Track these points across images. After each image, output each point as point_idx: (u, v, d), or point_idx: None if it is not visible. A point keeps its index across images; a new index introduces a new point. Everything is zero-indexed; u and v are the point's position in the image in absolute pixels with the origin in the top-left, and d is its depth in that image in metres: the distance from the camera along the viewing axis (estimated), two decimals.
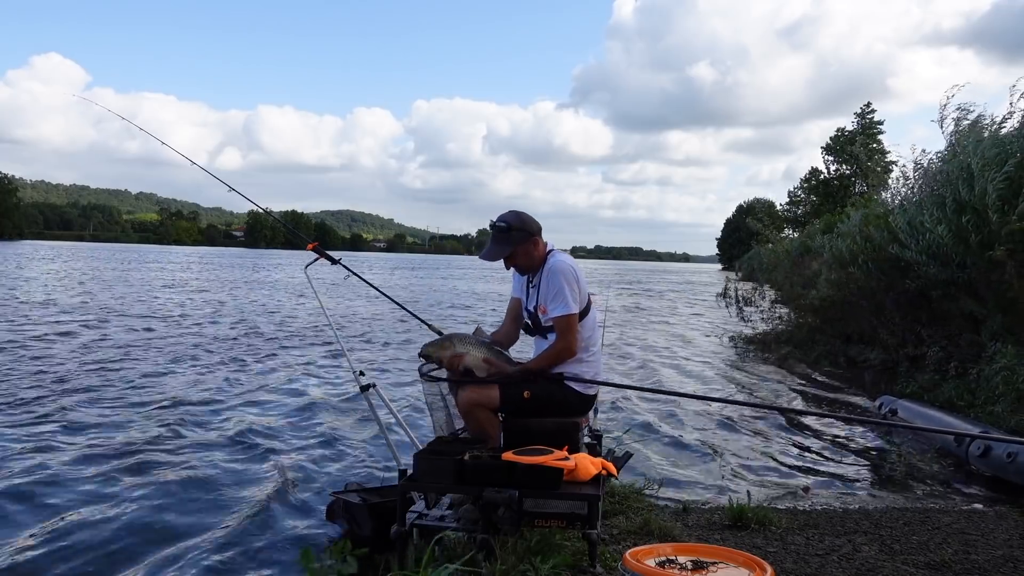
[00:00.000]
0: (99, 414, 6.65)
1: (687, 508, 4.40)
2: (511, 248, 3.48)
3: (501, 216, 3.54)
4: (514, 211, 3.55)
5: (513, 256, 3.51)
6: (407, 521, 3.13)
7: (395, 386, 8.47)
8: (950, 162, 7.86)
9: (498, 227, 3.49)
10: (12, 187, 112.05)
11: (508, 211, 3.56)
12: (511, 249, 3.48)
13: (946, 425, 5.88)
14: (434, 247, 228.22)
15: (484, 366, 3.46)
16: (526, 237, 3.48)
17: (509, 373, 3.45)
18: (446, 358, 3.47)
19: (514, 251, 3.49)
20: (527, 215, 3.55)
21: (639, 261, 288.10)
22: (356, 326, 15.23)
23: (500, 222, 3.49)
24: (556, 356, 3.46)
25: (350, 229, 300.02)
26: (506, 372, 3.46)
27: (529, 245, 3.50)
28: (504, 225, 3.47)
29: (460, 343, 3.51)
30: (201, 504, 4.54)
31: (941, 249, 7.48)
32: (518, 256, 3.51)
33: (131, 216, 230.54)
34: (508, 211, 3.56)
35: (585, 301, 3.51)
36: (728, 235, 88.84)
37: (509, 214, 3.53)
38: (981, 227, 6.92)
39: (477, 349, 3.50)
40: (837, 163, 55.18)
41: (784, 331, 13.42)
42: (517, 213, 3.53)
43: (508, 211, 3.56)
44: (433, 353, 3.50)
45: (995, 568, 3.50)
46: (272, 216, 5.99)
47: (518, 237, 3.48)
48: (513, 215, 3.52)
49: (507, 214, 3.53)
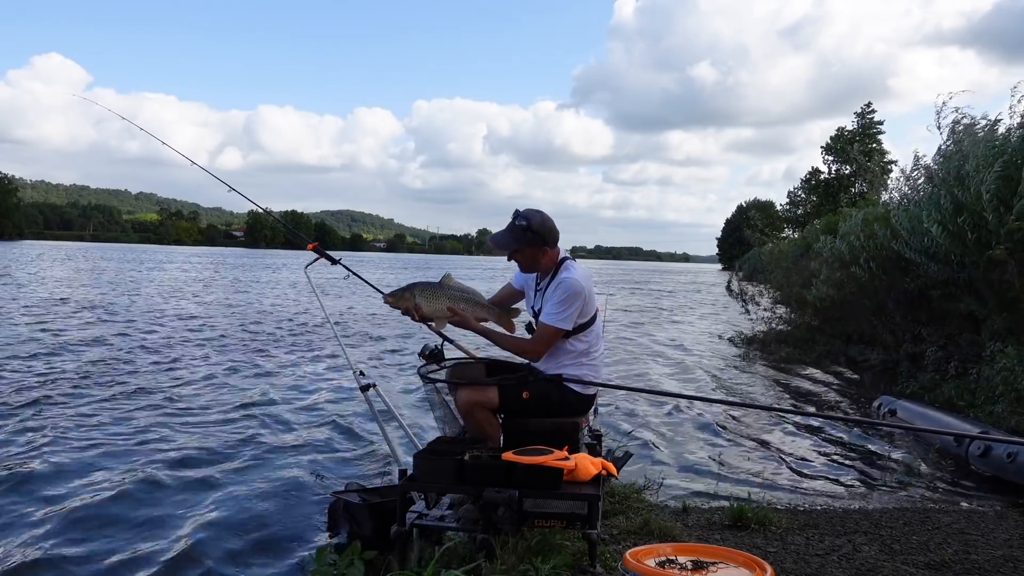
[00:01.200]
0: (95, 413, 6.66)
1: (687, 508, 4.40)
2: (520, 246, 3.48)
3: (528, 211, 3.50)
4: (541, 213, 3.51)
5: (518, 252, 3.50)
6: (407, 521, 3.13)
7: (395, 386, 8.47)
8: (943, 164, 7.90)
9: (519, 223, 3.47)
10: (12, 187, 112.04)
11: (536, 210, 3.52)
12: (520, 247, 3.48)
13: (946, 425, 5.88)
14: (434, 247, 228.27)
15: (446, 315, 3.45)
16: (538, 243, 3.47)
17: (473, 327, 3.48)
18: (405, 308, 3.47)
19: (521, 249, 3.49)
20: (551, 223, 3.50)
21: (639, 261, 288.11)
22: (356, 326, 15.24)
23: (523, 219, 3.47)
24: (520, 349, 3.50)
25: (350, 229, 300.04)
26: (470, 323, 3.48)
27: (537, 251, 3.49)
28: (524, 224, 3.46)
29: (420, 293, 3.47)
30: (201, 504, 4.53)
31: (940, 249, 7.49)
32: (523, 255, 3.51)
33: (131, 216, 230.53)
34: (536, 210, 3.52)
35: (590, 315, 3.50)
36: (728, 235, 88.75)
37: (535, 214, 3.49)
38: (979, 227, 6.93)
39: (437, 299, 3.46)
40: (837, 163, 55.18)
41: (784, 331, 13.43)
42: (543, 217, 3.48)
43: (536, 210, 3.52)
44: (393, 303, 3.50)
45: (995, 568, 3.50)
46: (272, 216, 5.99)
47: (530, 239, 3.47)
48: (538, 217, 3.47)
49: (534, 213, 3.49)
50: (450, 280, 3.56)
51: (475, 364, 3.77)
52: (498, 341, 3.52)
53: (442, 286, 3.52)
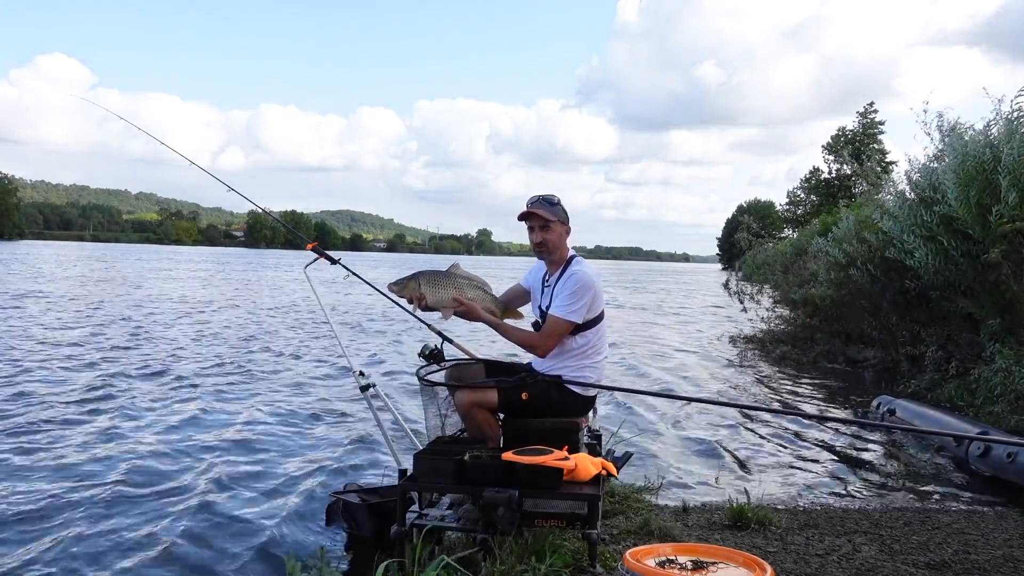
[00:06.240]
0: (91, 414, 6.66)
1: (687, 508, 4.40)
2: (557, 219, 3.50)
3: (546, 195, 3.56)
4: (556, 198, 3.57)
5: (550, 228, 3.48)
6: (407, 521, 3.13)
7: (395, 386, 8.47)
8: (925, 174, 7.94)
9: (548, 198, 3.51)
10: (12, 187, 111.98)
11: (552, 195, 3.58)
12: (556, 220, 3.50)
13: (945, 425, 5.88)
14: (434, 247, 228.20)
15: (452, 305, 3.41)
16: (566, 219, 3.54)
17: (479, 316, 3.43)
18: (409, 297, 3.45)
19: (557, 223, 3.49)
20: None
21: (639, 261, 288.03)
22: (356, 326, 15.24)
23: (551, 198, 3.52)
24: (527, 343, 3.48)
25: (350, 229, 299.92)
26: (476, 313, 3.42)
27: (563, 229, 3.53)
28: (555, 198, 3.52)
29: (425, 282, 3.43)
30: (200, 503, 4.53)
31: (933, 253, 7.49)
32: (553, 232, 3.49)
33: (131, 216, 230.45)
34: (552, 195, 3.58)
35: (598, 311, 3.51)
36: (728, 235, 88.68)
37: (554, 196, 3.55)
38: (968, 238, 6.96)
39: (443, 289, 3.42)
40: (838, 163, 55.16)
41: (783, 331, 13.44)
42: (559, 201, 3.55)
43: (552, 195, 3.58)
44: (398, 292, 3.47)
45: (995, 568, 3.50)
46: (271, 216, 5.98)
47: (561, 214, 3.52)
48: (558, 199, 3.54)
49: (552, 196, 3.55)
50: (458, 269, 3.53)
51: (475, 364, 3.77)
52: (505, 333, 3.50)
53: (448, 275, 3.47)
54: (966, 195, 6.72)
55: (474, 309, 3.44)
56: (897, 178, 9.53)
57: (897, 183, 9.32)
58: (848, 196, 27.19)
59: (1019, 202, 6.25)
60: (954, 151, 7.06)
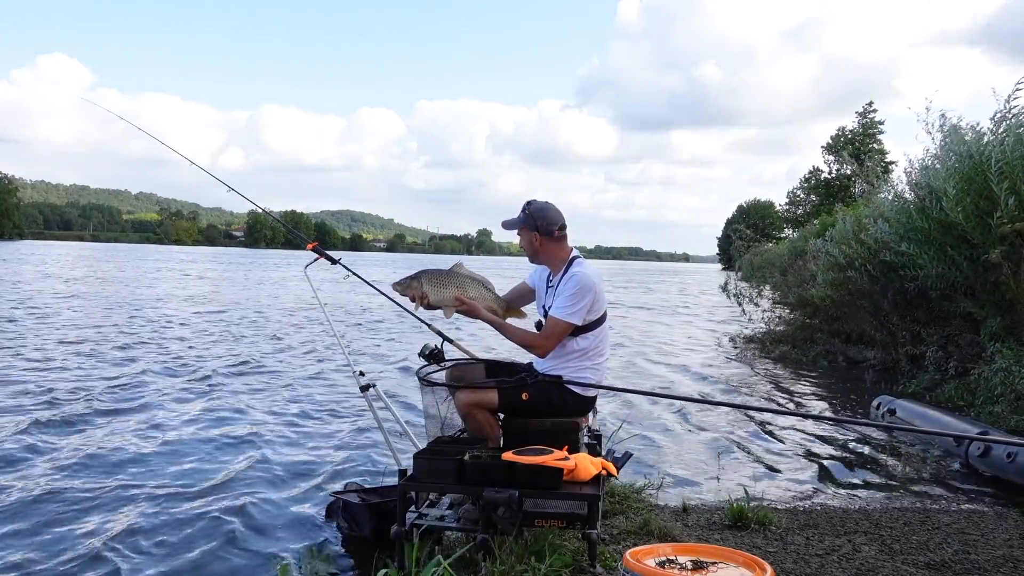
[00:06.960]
0: (90, 411, 6.66)
1: (687, 508, 4.40)
2: (519, 226, 3.56)
3: (535, 200, 3.60)
4: (547, 203, 3.58)
5: (521, 235, 3.58)
6: (407, 521, 3.13)
7: (395, 386, 8.47)
8: (923, 174, 7.92)
9: (525, 206, 3.58)
10: (12, 187, 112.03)
11: (545, 201, 3.60)
12: (519, 227, 3.56)
13: (945, 425, 5.87)
14: (434, 247, 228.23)
15: (454, 304, 3.45)
16: (530, 225, 3.54)
17: (481, 315, 3.47)
18: (412, 296, 3.47)
19: (524, 229, 3.55)
20: (551, 213, 3.54)
21: (639, 261, 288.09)
22: (356, 326, 15.24)
23: (528, 203, 3.57)
24: (528, 342, 3.49)
25: (350, 229, 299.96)
26: (478, 312, 3.46)
27: (531, 235, 3.55)
28: (526, 205, 3.57)
29: (428, 281, 3.46)
30: (200, 503, 4.53)
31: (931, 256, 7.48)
32: (522, 236, 3.58)
33: (131, 216, 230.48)
34: (545, 201, 3.60)
35: (599, 313, 3.51)
36: (728, 235, 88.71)
37: (539, 202, 3.58)
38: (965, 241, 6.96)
39: (445, 288, 3.45)
40: (838, 163, 55.16)
41: (783, 331, 13.44)
42: (544, 206, 3.56)
43: (545, 201, 3.60)
44: (401, 291, 3.50)
45: (995, 568, 3.50)
46: (271, 216, 5.98)
47: (529, 220, 3.54)
48: (539, 204, 3.56)
49: (538, 201, 3.59)
50: (461, 268, 3.55)
51: (475, 365, 3.77)
52: (506, 332, 3.52)
53: (451, 274, 3.50)
54: (964, 199, 6.71)
55: (476, 308, 3.47)
56: (896, 178, 9.53)
57: (896, 184, 9.31)
58: (848, 196, 27.21)
59: (1018, 204, 6.24)
60: (954, 153, 7.05)
